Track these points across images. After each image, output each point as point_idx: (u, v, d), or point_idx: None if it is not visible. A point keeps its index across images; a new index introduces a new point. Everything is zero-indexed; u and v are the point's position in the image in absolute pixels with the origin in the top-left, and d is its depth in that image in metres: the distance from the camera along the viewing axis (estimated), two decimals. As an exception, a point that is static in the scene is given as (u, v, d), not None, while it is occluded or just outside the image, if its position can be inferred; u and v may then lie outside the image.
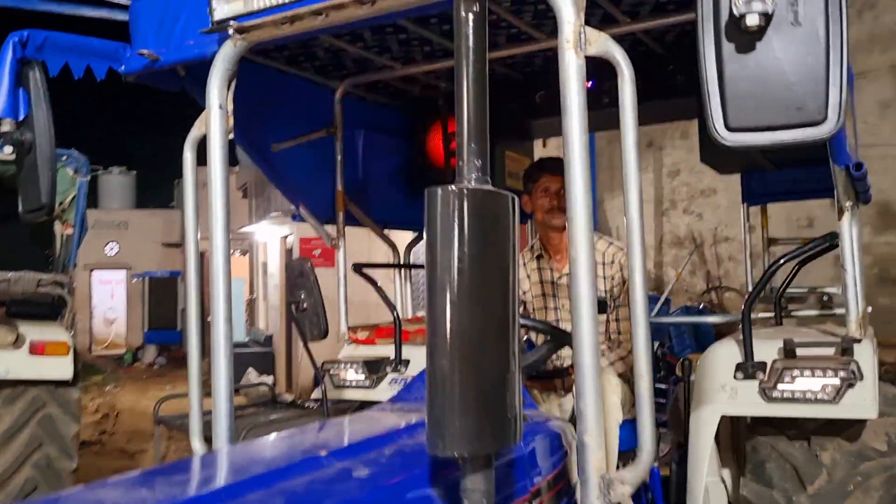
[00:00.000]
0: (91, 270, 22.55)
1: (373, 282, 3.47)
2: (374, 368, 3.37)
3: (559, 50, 1.85)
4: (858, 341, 2.65)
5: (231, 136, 2.40)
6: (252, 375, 12.81)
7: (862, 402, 2.51)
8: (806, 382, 2.56)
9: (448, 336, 1.41)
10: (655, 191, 11.42)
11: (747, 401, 2.63)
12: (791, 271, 3.64)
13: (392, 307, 3.40)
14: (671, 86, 3.52)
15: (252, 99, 3.19)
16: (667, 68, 3.51)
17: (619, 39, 3.31)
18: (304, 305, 2.70)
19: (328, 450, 1.66)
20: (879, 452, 2.69)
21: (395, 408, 2.26)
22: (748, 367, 2.65)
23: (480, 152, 1.53)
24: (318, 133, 3.57)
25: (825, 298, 3.69)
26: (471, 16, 1.54)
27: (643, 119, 4.92)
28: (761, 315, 3.91)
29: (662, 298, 10.69)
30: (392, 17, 2.31)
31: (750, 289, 3.95)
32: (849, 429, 2.69)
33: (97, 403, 13.23)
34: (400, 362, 3.36)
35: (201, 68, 2.80)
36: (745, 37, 1.42)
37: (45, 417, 5.76)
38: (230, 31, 2.30)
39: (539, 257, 3.40)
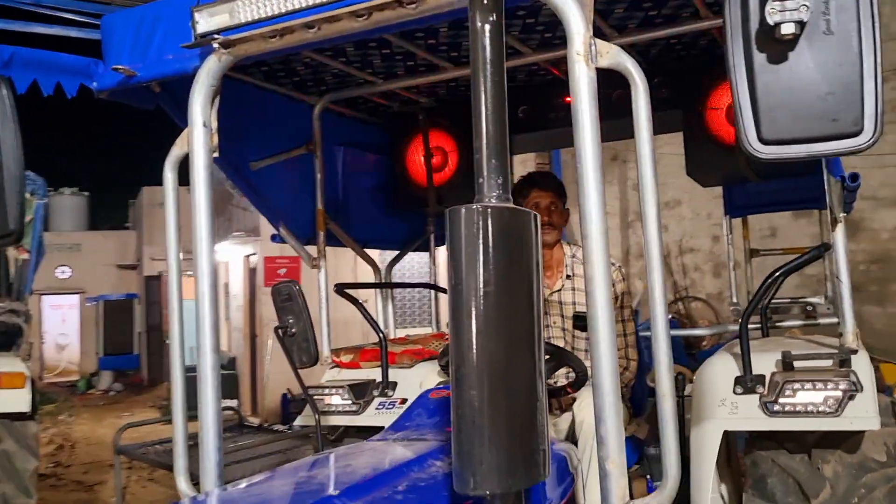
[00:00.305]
0: (41, 295, 21.88)
1: (357, 302, 3.36)
2: (361, 393, 3.27)
3: (569, 62, 1.78)
4: (855, 352, 2.64)
5: (216, 154, 2.29)
6: (214, 399, 12.50)
7: (864, 414, 2.48)
8: (807, 395, 2.53)
9: (476, 364, 1.33)
10: (621, 203, 11.50)
11: (749, 415, 2.59)
12: (777, 282, 3.64)
13: (378, 329, 3.30)
14: (656, 99, 3.49)
15: (228, 116, 3.08)
16: (651, 82, 3.48)
17: None
18: (293, 330, 2.58)
19: (339, 488, 1.55)
20: (880, 463, 2.67)
21: (396, 437, 2.16)
22: (747, 381, 2.62)
23: (501, 169, 1.45)
24: (298, 150, 3.47)
25: (809, 308, 3.69)
26: (487, 27, 1.47)
27: (628, 132, 4.88)
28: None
29: (630, 310, 10.75)
30: (387, 30, 2.23)
31: (734, 300, 3.94)
32: (848, 440, 2.67)
33: (51, 433, 12.77)
34: (387, 385, 3.26)
35: (178, 84, 2.68)
36: (777, 46, 1.37)
37: (1, 454, 5.49)
38: (215, 46, 2.19)
39: None
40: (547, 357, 2.70)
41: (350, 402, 3.24)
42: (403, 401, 3.22)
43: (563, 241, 3.32)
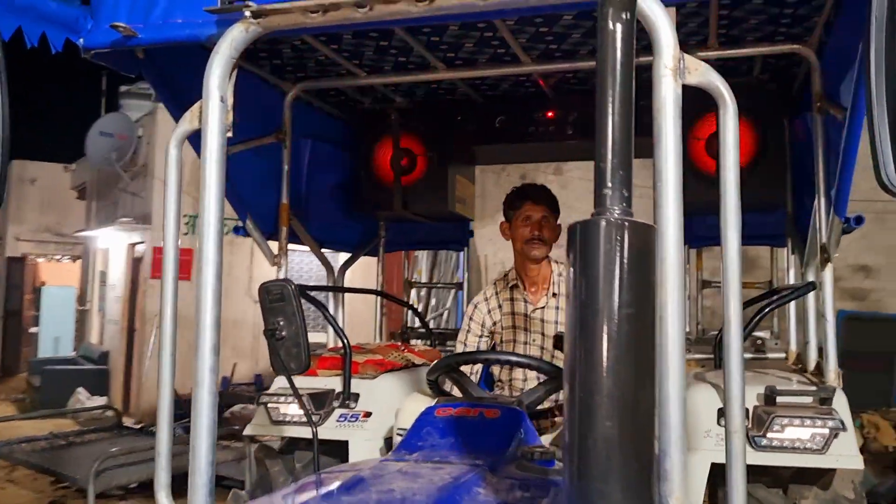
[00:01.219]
0: None
1: (320, 305, 3.15)
2: (320, 403, 3.05)
3: (655, 76, 1.71)
4: (835, 390, 2.70)
5: (230, 133, 2.06)
6: (82, 396, 11.64)
7: (848, 452, 2.54)
8: (795, 431, 2.55)
9: (612, 393, 1.21)
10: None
11: None
12: (763, 316, 3.70)
13: (343, 336, 3.10)
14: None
15: (196, 89, 2.84)
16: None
17: (571, 70, 3.27)
18: (283, 333, 2.36)
19: None
20: (850, 500, 2.74)
21: (415, 458, 2.00)
22: None
23: (627, 181, 1.34)
24: (268, 138, 3.23)
25: (759, 342, 3.80)
26: (619, 26, 1.36)
27: (585, 155, 4.86)
28: (696, 356, 3.96)
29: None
30: (445, 19, 2.08)
31: (687, 329, 4.00)
32: (822, 477, 2.72)
33: None
34: (349, 397, 3.06)
35: (162, 53, 2.43)
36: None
37: None
38: (246, 14, 1.97)
39: (514, 287, 3.22)
40: (546, 378, 2.62)
41: (309, 412, 3.02)
42: (367, 414, 3.04)
43: (551, 258, 3.24)
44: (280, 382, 3.26)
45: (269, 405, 3.07)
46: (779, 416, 2.56)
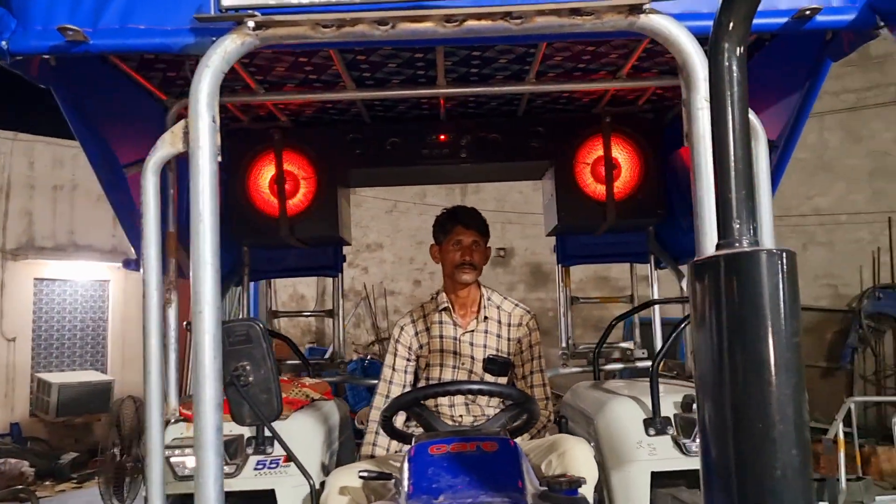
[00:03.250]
0: None
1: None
2: (232, 451, 2.76)
3: (691, 109, 1.78)
4: None
5: (219, 158, 1.80)
6: None
7: None
8: None
9: (794, 422, 1.25)
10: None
11: (668, 455, 2.74)
12: (606, 329, 3.94)
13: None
14: (529, 148, 3.60)
15: (100, 104, 2.48)
16: (528, 130, 3.59)
17: (485, 97, 3.32)
18: (249, 379, 2.10)
19: None
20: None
21: (444, 501, 1.88)
22: (657, 423, 2.78)
23: (753, 211, 1.38)
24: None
25: (628, 353, 4.07)
26: (735, 60, 1.39)
27: (495, 176, 4.90)
28: (574, 370, 4.15)
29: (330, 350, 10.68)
30: (472, 41, 1.97)
31: (563, 344, 4.16)
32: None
33: None
34: (262, 441, 2.80)
35: (69, 64, 2.10)
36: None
37: None
38: (249, 24, 1.74)
39: (444, 310, 3.13)
40: (510, 403, 2.59)
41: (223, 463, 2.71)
42: (288, 459, 2.80)
43: (480, 282, 3.20)
44: (174, 432, 2.89)
45: (172, 459, 2.71)
46: None
